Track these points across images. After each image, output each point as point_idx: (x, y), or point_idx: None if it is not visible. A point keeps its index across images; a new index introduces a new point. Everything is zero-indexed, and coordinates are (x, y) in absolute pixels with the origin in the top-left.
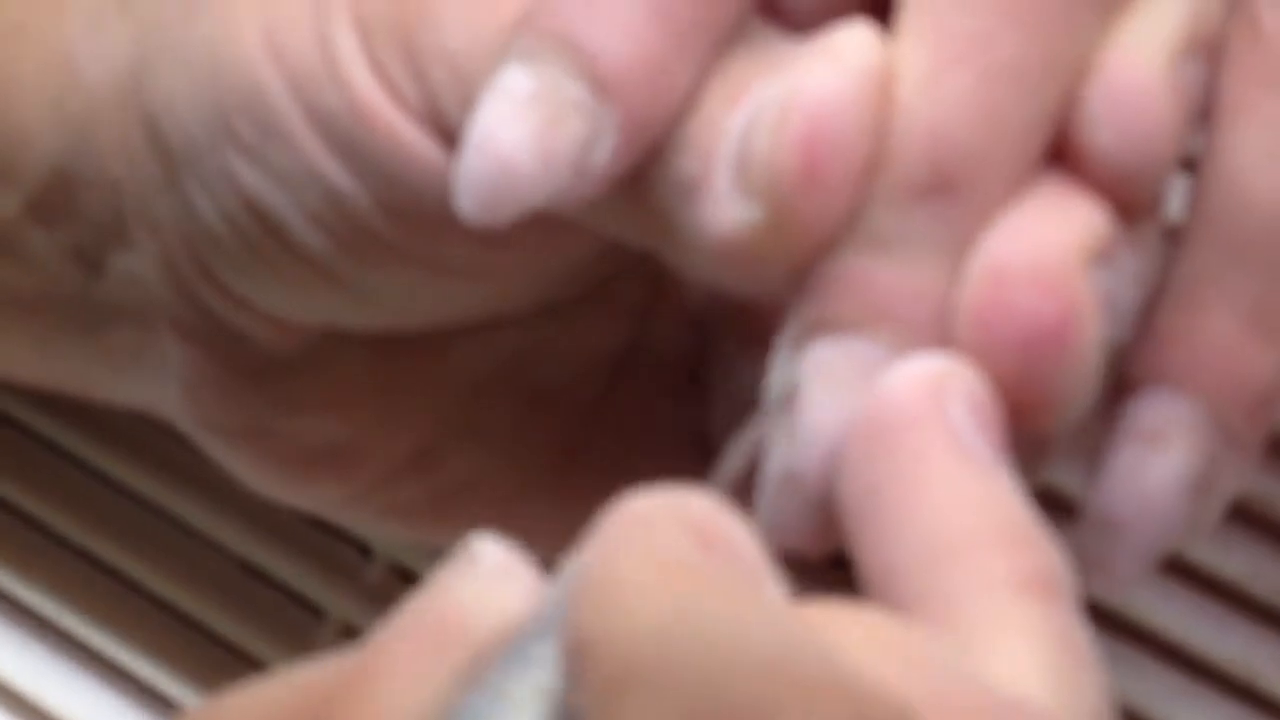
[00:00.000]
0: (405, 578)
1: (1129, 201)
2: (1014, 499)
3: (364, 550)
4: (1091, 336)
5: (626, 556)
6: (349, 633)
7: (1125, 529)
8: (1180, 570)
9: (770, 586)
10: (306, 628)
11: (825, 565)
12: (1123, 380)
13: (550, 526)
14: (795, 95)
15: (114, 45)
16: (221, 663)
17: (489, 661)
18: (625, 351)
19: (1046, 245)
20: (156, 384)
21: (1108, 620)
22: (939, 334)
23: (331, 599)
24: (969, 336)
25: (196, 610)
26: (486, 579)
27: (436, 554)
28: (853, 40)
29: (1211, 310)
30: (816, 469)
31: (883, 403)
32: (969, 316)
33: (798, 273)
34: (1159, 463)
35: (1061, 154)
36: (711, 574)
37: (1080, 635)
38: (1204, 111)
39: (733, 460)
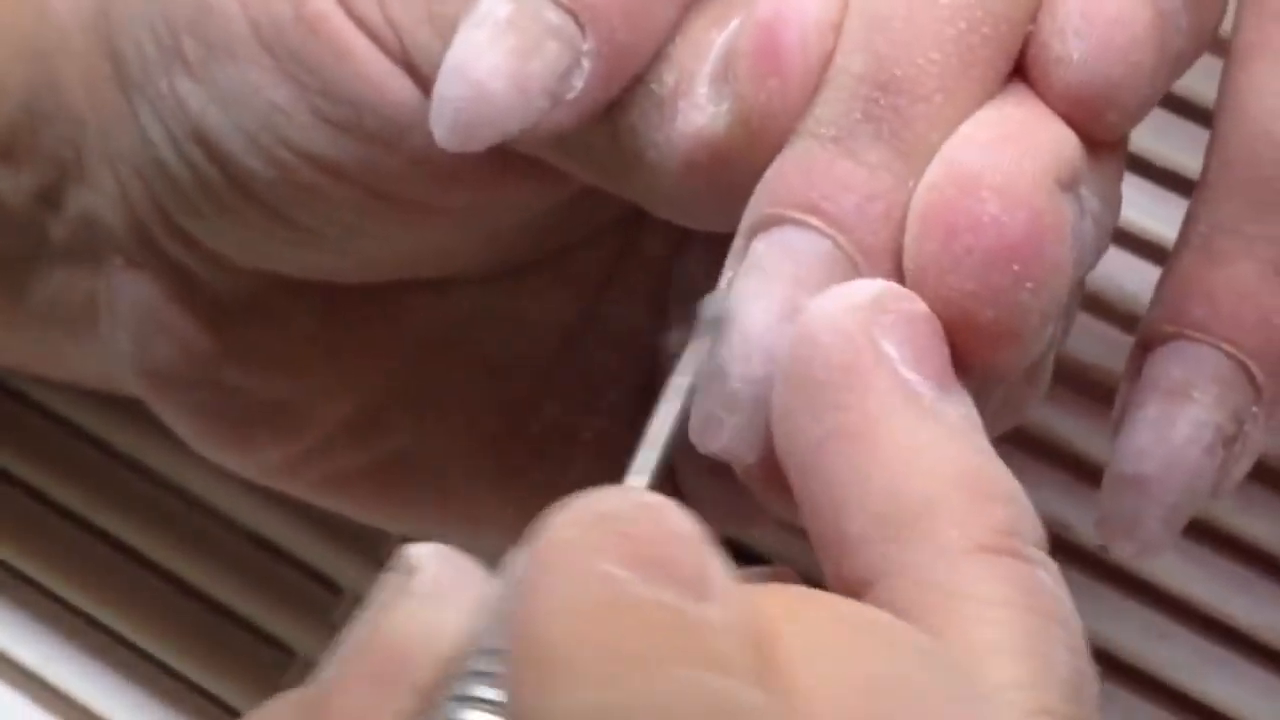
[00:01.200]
0: None
1: (1096, 127)
2: (967, 445)
3: None
4: (1059, 259)
5: (550, 610)
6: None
7: (1152, 486)
8: (1211, 536)
9: (713, 588)
10: (322, 603)
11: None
12: (1145, 334)
13: (490, 503)
14: None
15: None
16: (235, 638)
17: (436, 702)
18: (577, 324)
19: (1018, 158)
20: (109, 343)
21: (1138, 587)
22: (882, 234)
23: (347, 573)
24: (926, 245)
25: (209, 586)
26: (424, 601)
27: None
28: None
29: (1232, 259)
30: (743, 366)
31: (809, 347)
32: (928, 222)
33: (757, 178)
34: (1184, 417)
35: (1031, 71)
36: (640, 616)
37: (1046, 587)
38: (1182, 54)
39: (683, 372)
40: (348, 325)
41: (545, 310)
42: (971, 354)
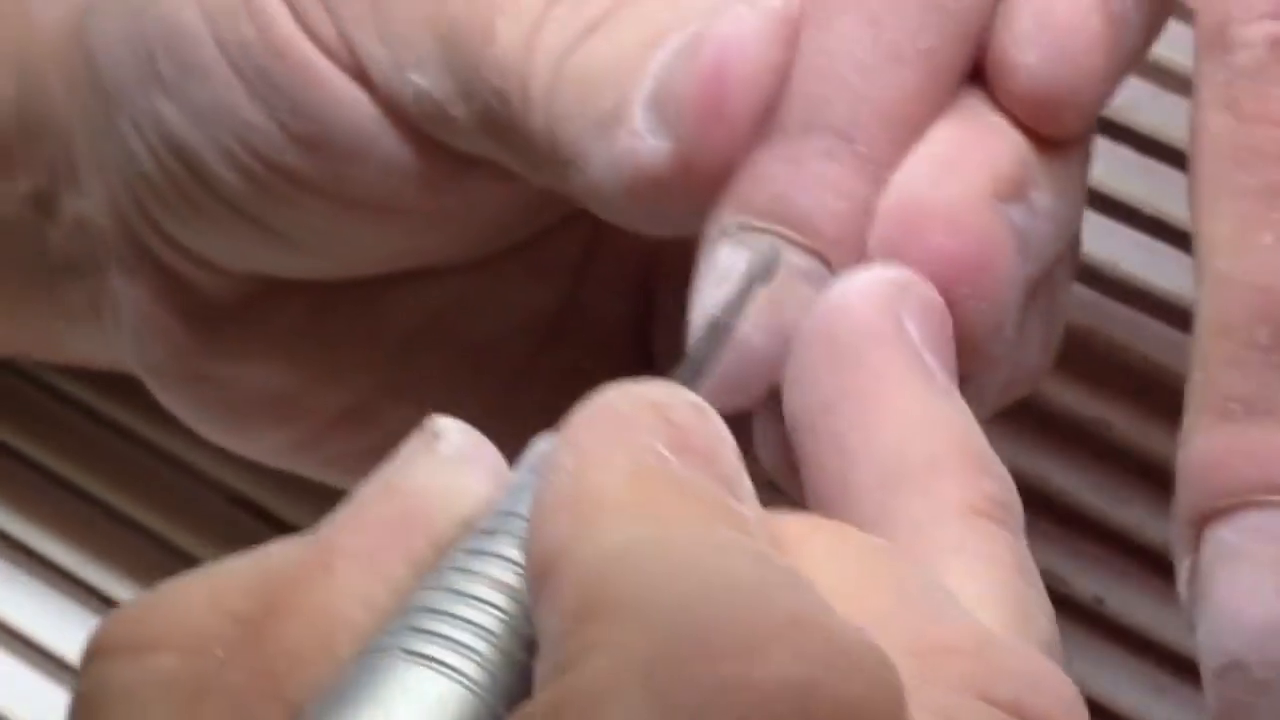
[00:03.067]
0: None
1: (1054, 128)
2: (970, 423)
3: None
4: (1005, 272)
5: (599, 464)
6: None
7: (1253, 668)
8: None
9: (746, 494)
10: None
11: None
12: (1197, 510)
13: None
14: (709, 29)
15: None
16: None
17: (449, 554)
18: (558, 311)
19: (954, 180)
20: (113, 336)
21: (1136, 643)
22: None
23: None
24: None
25: (187, 544)
26: (449, 465)
27: None
28: None
29: (1260, 417)
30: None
31: (837, 312)
32: (880, 255)
33: (704, 206)
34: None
35: (989, 78)
36: (687, 488)
37: (1029, 560)
38: (1135, 49)
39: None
40: (334, 319)
41: (524, 297)
42: None
